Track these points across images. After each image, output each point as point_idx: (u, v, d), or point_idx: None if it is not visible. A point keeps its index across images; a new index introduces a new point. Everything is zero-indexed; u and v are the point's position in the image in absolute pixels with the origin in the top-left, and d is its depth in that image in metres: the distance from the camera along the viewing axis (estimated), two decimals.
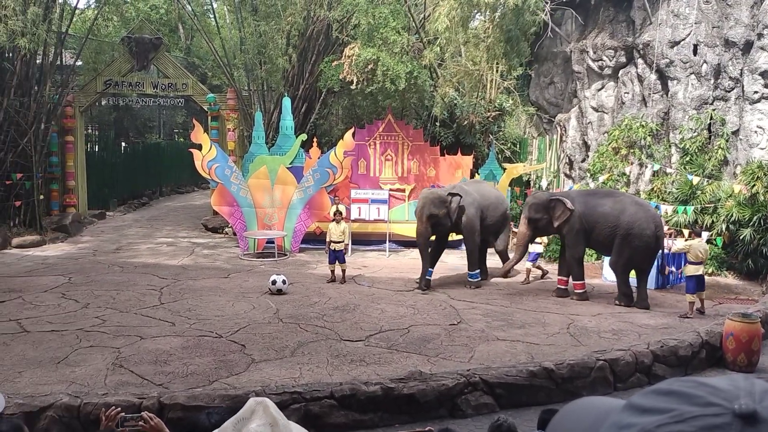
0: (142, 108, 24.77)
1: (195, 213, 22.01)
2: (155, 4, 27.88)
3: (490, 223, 12.57)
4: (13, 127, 16.43)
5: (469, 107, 17.45)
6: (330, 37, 18.22)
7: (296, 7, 17.07)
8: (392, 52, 15.22)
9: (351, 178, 16.36)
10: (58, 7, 17.26)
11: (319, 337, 8.74)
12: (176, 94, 20.09)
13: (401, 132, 16.77)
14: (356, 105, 19.38)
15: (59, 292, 11.15)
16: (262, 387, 6.55)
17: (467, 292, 11.59)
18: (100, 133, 27.04)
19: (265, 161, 15.51)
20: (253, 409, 1.76)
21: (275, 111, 18.36)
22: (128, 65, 19.48)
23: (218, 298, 10.86)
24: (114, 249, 15.85)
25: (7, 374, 7.18)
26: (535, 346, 8.44)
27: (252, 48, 18.38)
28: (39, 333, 8.73)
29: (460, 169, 16.74)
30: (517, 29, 14.60)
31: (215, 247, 16.38)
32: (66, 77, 18.60)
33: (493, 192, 13.22)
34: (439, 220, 11.85)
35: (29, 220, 16.96)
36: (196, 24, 21.09)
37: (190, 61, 27.94)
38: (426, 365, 7.57)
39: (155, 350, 8.02)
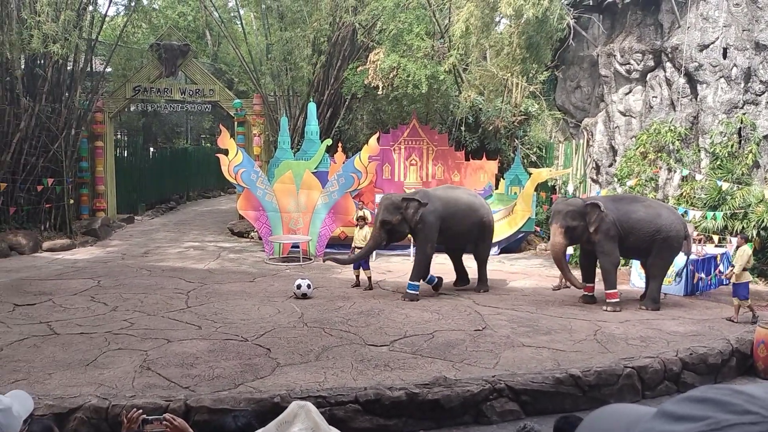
0: (170, 114, 25.12)
1: (221, 217, 22.22)
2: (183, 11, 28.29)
3: (458, 232, 11.79)
4: (45, 133, 16.76)
5: (494, 112, 17.39)
6: (355, 43, 18.30)
7: (322, 13, 17.18)
8: (415, 58, 15.24)
9: (376, 183, 16.38)
10: (88, 14, 17.58)
11: (344, 341, 8.76)
12: (203, 100, 20.33)
13: (426, 137, 16.77)
14: (381, 110, 19.42)
15: (88, 295, 11.32)
16: (287, 391, 6.58)
17: (492, 298, 11.52)
18: (128, 139, 27.46)
19: (291, 166, 15.61)
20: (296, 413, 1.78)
21: (301, 116, 18.49)
22: (157, 72, 19.76)
23: (244, 301, 10.95)
24: (142, 253, 16.06)
25: (38, 376, 7.30)
26: (561, 352, 8.36)
27: (278, 54, 18.54)
28: (68, 335, 8.87)
29: (485, 174, 16.68)
30: (539, 36, 14.51)
31: (241, 251, 16.50)
32: (96, 83, 18.92)
33: (465, 199, 12.07)
34: (394, 227, 11.36)
35: (60, 224, 17.28)
36: (223, 31, 21.34)
37: (217, 67, 28.26)
38: (451, 371, 7.54)
39: (182, 353, 8.11)
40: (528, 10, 13.61)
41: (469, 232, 11.88)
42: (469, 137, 17.78)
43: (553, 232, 11.03)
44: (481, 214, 12.00)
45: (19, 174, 16.26)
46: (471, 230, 11.88)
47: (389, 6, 15.37)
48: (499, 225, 16.32)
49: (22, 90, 16.28)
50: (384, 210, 11.40)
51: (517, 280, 13.33)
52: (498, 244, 16.31)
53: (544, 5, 13.58)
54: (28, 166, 16.44)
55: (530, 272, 14.20)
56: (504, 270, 14.42)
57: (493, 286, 12.49)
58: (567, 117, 19.02)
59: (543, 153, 18.74)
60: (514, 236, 16.36)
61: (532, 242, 17.11)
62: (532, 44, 14.59)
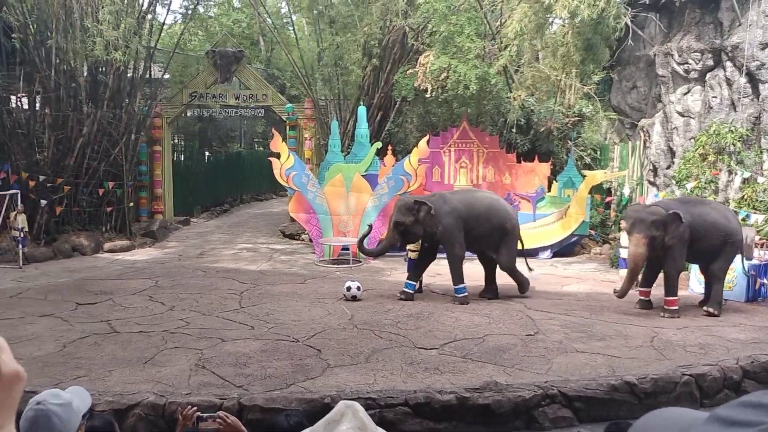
0: (225, 118, 25.63)
1: (273, 220, 22.56)
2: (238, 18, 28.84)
3: (479, 234, 11.43)
4: (106, 138, 17.35)
5: (547, 113, 17.15)
6: (405, 46, 18.34)
7: (372, 17, 17.28)
8: (465, 59, 15.17)
9: (425, 186, 16.36)
10: (147, 22, 18.15)
11: (393, 344, 8.78)
12: (257, 105, 20.70)
13: (476, 139, 16.66)
14: (431, 112, 19.40)
15: (147, 294, 11.66)
16: (337, 392, 6.64)
17: (544, 302, 11.35)
18: (185, 143, 28.16)
19: (341, 169, 15.74)
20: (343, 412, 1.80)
21: (351, 119, 18.63)
22: (212, 78, 20.22)
23: (295, 303, 11.09)
24: (198, 254, 16.45)
25: (99, 372, 7.56)
26: (616, 359, 8.18)
27: (329, 59, 18.74)
28: (128, 333, 9.16)
29: (537, 177, 16.47)
30: (596, 37, 14.24)
31: (292, 253, 16.72)
32: (154, 90, 19.49)
33: (486, 202, 11.64)
34: (407, 228, 11.19)
35: (120, 225, 17.86)
36: (276, 36, 21.67)
37: (270, 72, 28.71)
38: (502, 376, 7.47)
39: (235, 353, 8.27)
40: (583, 11, 13.37)
41: (490, 235, 11.48)
42: (521, 139, 17.58)
43: (636, 242, 10.31)
44: (502, 218, 11.50)
45: (82, 177, 16.87)
46: (492, 234, 11.47)
47: (440, 8, 15.35)
48: (551, 228, 16.12)
49: (85, 97, 16.90)
50: (397, 211, 11.34)
51: (570, 284, 13.11)
52: (551, 247, 16.10)
53: (600, 6, 13.33)
54: (90, 169, 17.05)
55: (584, 276, 13.94)
56: (557, 274, 14.20)
57: (544, 291, 12.31)
58: (623, 118, 18.60)
59: (597, 155, 18.37)
60: (567, 240, 16.11)
61: (586, 246, 16.80)
62: (590, 45, 14.33)
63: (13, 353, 4.03)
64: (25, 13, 16.06)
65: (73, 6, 16.12)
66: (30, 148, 16.52)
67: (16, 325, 9.56)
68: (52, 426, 2.21)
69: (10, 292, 11.90)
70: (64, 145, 16.73)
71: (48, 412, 2.22)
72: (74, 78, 16.81)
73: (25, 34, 16.11)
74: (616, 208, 17.40)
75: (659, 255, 10.51)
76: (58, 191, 16.30)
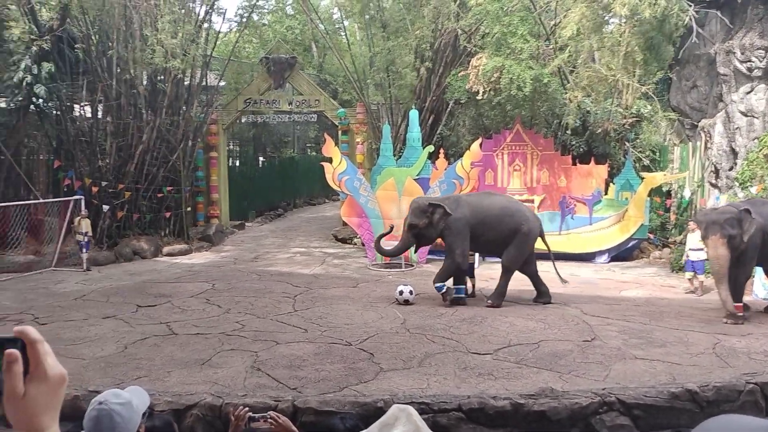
0: (278, 124, 26.01)
1: (326, 224, 22.75)
2: (291, 25, 29.28)
3: (491, 239, 11.30)
4: (164, 144, 17.84)
5: (604, 114, 16.77)
6: (457, 49, 18.25)
7: (424, 20, 17.26)
8: (519, 60, 14.98)
9: (478, 189, 16.22)
10: (203, 31, 18.60)
11: (446, 348, 8.72)
12: (309, 110, 20.94)
13: (530, 141, 16.43)
14: (483, 115, 19.24)
15: (204, 297, 11.91)
16: (390, 396, 6.63)
17: (602, 308, 11.09)
18: (240, 149, 28.71)
19: (393, 173, 15.76)
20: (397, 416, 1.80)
21: (402, 123, 18.64)
22: (266, 84, 20.56)
23: (348, 306, 11.15)
24: (252, 258, 16.72)
25: (158, 373, 7.75)
26: (676, 366, 7.93)
27: (381, 63, 18.81)
28: (186, 335, 9.37)
29: (593, 179, 16.13)
30: (660, 35, 13.86)
31: (345, 257, 16.82)
32: (211, 97, 19.94)
33: (499, 206, 11.43)
34: (421, 231, 11.30)
35: (178, 230, 18.33)
36: (328, 42, 21.89)
37: (322, 77, 29.02)
38: (557, 382, 7.33)
39: (289, 355, 8.36)
40: (644, 10, 13.03)
41: (504, 240, 11.27)
42: (576, 141, 17.23)
43: (713, 244, 9.92)
44: (517, 222, 11.21)
45: (142, 183, 17.38)
46: (503, 239, 11.25)
47: (493, 10, 15.21)
48: (608, 232, 15.76)
49: (145, 105, 17.42)
50: (411, 213, 11.40)
51: (628, 289, 12.78)
52: (608, 251, 15.75)
53: (661, 4, 12.97)
54: (149, 176, 17.55)
55: (643, 281, 13.57)
56: (614, 278, 13.87)
57: (602, 296, 12.04)
58: (682, 118, 18.04)
59: (656, 156, 17.85)
60: (625, 243, 15.72)
61: (646, 250, 16.34)
62: (653, 44, 13.97)
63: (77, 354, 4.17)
64: (87, 24, 16.67)
65: (133, 16, 16.65)
66: (93, 156, 17.12)
67: (80, 326, 9.89)
68: (114, 425, 2.28)
69: (75, 294, 12.35)
70: (125, 152, 17.28)
71: (110, 412, 2.28)
72: (134, 86, 17.35)
73: (88, 44, 16.71)
74: (676, 211, 16.89)
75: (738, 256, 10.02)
76: (119, 197, 16.84)
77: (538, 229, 11.53)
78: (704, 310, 10.87)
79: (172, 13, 16.49)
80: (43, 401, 1.05)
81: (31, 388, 1.04)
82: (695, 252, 12.05)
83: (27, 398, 1.03)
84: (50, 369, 1.06)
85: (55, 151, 17.89)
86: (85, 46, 16.61)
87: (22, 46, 15.79)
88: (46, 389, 1.05)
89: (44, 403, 1.06)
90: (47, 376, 1.06)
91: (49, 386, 1.06)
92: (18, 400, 1.03)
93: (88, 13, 16.62)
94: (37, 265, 14.85)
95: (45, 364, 1.06)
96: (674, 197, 17.00)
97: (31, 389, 1.04)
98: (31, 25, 15.78)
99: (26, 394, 1.03)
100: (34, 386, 1.04)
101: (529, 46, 15.07)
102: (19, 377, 1.02)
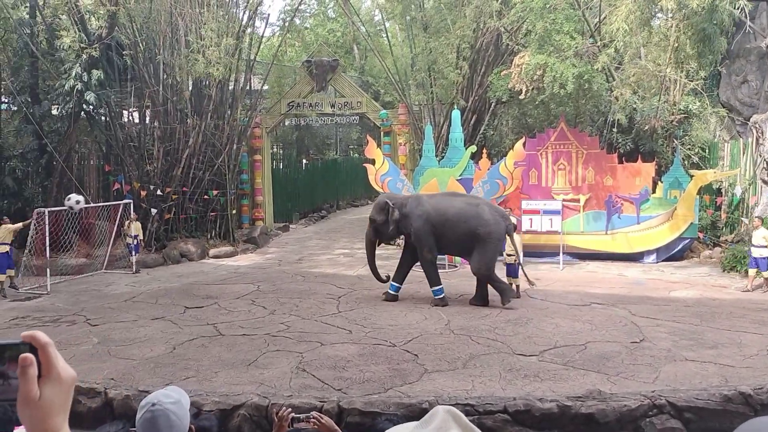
0: (321, 126, 26.24)
1: None
2: (333, 28, 29.48)
3: (450, 241, 11.23)
4: (210, 148, 18.17)
5: (651, 111, 16.40)
6: (499, 48, 18.10)
7: (466, 20, 17.15)
8: (563, 57, 14.77)
9: (522, 189, 16.05)
10: (247, 36, 18.87)
11: (491, 350, 8.64)
12: (351, 112, 21.04)
13: (575, 140, 16.16)
14: (527, 114, 19.04)
15: (249, 299, 12.08)
16: (435, 397, 6.60)
17: (651, 308, 10.84)
18: (283, 152, 29.04)
19: (435, 174, 15.69)
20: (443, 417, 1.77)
21: (445, 124, 18.56)
22: (308, 87, 20.74)
23: (391, 307, 11.15)
24: (296, 259, 16.88)
25: (206, 374, 7.88)
26: (729, 368, 7.70)
27: (422, 64, 18.78)
28: (232, 336, 9.51)
29: (641, 177, 15.77)
30: (713, 25, 13.48)
31: (388, 258, 16.76)
32: (254, 101, 20.22)
33: (458, 207, 11.19)
34: (378, 227, 11.50)
35: (224, 232, 18.63)
36: (370, 44, 21.95)
37: (364, 79, 29.13)
38: (605, 384, 7.19)
39: (334, 356, 8.40)
40: (692, 1, 12.70)
41: (461, 241, 11.15)
42: (623, 139, 16.88)
43: None
44: (473, 225, 10.97)
45: (189, 186, 17.72)
46: (463, 240, 11.10)
47: (536, 6, 15.02)
48: (657, 231, 15.39)
49: (190, 110, 17.77)
50: (372, 209, 11.73)
51: (678, 289, 12.46)
52: (657, 251, 15.38)
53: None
54: (195, 179, 17.89)
55: (693, 281, 13.22)
56: (663, 279, 13.54)
57: (650, 296, 11.77)
58: (733, 114, 17.52)
59: (706, 153, 17.36)
60: (674, 243, 15.31)
61: (696, 249, 15.90)
62: (706, 36, 13.60)
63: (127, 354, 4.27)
64: (135, 32, 17.09)
65: (179, 23, 17.01)
66: (141, 160, 17.55)
67: (130, 327, 10.13)
68: (171, 424, 2.32)
69: (125, 296, 12.66)
70: (172, 156, 17.65)
71: (166, 411, 2.33)
72: (180, 92, 17.71)
73: (135, 51, 17.14)
74: (727, 210, 16.40)
75: None
76: (166, 200, 17.21)
77: (503, 230, 11.11)
78: (757, 311, 10.53)
79: (216, 20, 16.78)
80: (57, 402, 1.08)
81: (45, 391, 1.06)
82: (758, 249, 11.79)
83: (42, 400, 1.06)
84: (63, 371, 1.08)
85: (105, 156, 18.40)
86: (133, 53, 17.03)
87: (72, 55, 16.28)
88: (59, 391, 1.08)
89: (58, 404, 1.08)
90: (61, 378, 1.08)
91: (63, 388, 1.09)
92: (33, 402, 1.05)
93: (135, 21, 17.05)
94: (89, 268, 15.27)
95: (58, 367, 1.08)
96: (725, 195, 16.52)
97: (46, 391, 1.06)
98: (81, 33, 16.27)
99: (41, 397, 1.06)
100: (49, 388, 1.07)
101: (575, 43, 14.83)
102: (34, 380, 1.05)
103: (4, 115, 18.30)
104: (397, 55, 21.44)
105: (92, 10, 17.42)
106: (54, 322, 10.56)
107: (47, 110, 17.38)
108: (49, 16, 17.41)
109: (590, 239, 15.64)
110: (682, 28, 13.76)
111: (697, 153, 17.16)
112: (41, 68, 17.51)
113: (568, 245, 15.26)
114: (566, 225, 15.37)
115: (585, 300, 11.47)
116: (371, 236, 11.90)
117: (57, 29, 16.77)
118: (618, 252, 15.35)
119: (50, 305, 11.91)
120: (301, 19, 25.15)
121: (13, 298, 12.63)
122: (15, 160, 17.75)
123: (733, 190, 16.05)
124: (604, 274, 14.16)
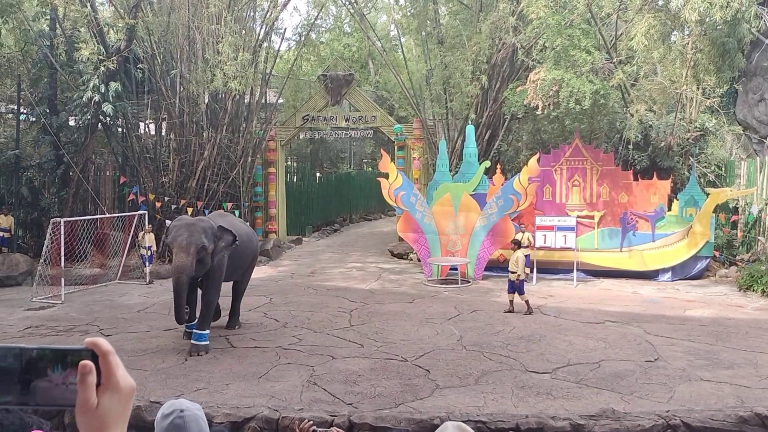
0: (335, 140, 26.32)
1: (382, 239, 22.78)
2: (348, 42, 29.65)
3: (243, 267, 10.74)
4: (224, 161, 18.27)
5: (666, 128, 16.31)
6: (514, 63, 18.12)
7: (481, 35, 17.19)
8: (579, 73, 14.74)
9: (536, 205, 15.98)
10: (263, 50, 19.02)
11: (504, 366, 8.58)
12: (366, 126, 21.10)
13: (590, 156, 16.10)
14: (541, 130, 18.99)
15: (261, 311, 12.07)
16: (446, 413, 6.55)
17: (666, 327, 10.71)
18: (297, 165, 29.14)
19: (449, 188, 15.70)
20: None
21: (459, 139, 18.57)
22: (323, 101, 20.85)
23: (403, 322, 11.10)
24: (309, 272, 16.88)
25: (217, 385, 7.88)
26: (745, 389, 7.58)
27: (438, 79, 18.83)
28: (244, 349, 9.50)
29: (656, 195, 15.66)
30: (733, 39, 13.40)
31: (401, 272, 16.79)
32: (269, 114, 20.34)
33: (244, 229, 10.75)
34: (204, 258, 9.29)
35: None
36: (385, 59, 22.04)
37: (379, 94, 29.22)
38: (619, 403, 7.10)
39: (345, 370, 8.37)
40: (715, 13, 12.61)
41: (248, 266, 11.00)
42: (638, 155, 16.79)
43: None
44: (256, 245, 11.29)
45: (203, 198, 17.82)
46: (248, 264, 10.93)
47: (554, 23, 15.03)
48: (672, 249, 15.24)
49: (206, 122, 17.91)
50: (202, 233, 9.37)
51: (693, 308, 12.32)
52: (672, 269, 15.21)
53: (734, 6, 12.53)
54: (210, 191, 17.99)
55: (709, 300, 13.06)
56: (679, 297, 13.39)
57: (665, 315, 11.64)
58: (749, 132, 17.39)
59: (722, 171, 17.22)
60: (691, 261, 15.13)
61: (712, 268, 15.72)
62: (725, 50, 13.51)
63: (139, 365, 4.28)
64: (152, 45, 17.30)
65: (196, 37, 17.19)
66: (156, 171, 17.68)
67: (143, 338, 10.16)
68: (201, 427, 2.36)
69: (138, 307, 12.70)
70: (187, 168, 17.77)
71: (195, 416, 2.37)
72: (196, 105, 17.87)
73: (152, 64, 17.33)
74: (744, 228, 16.23)
75: None
76: (181, 212, 17.28)
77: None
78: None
79: (232, 34, 16.94)
80: (115, 412, 1.07)
81: (104, 400, 1.05)
82: None
83: (100, 409, 1.05)
84: (122, 380, 1.08)
85: (121, 167, 18.56)
86: (150, 66, 17.22)
87: (90, 67, 16.50)
88: (118, 400, 1.07)
89: (116, 414, 1.07)
90: (119, 388, 1.07)
91: (121, 398, 1.07)
92: (91, 411, 1.04)
93: (153, 34, 17.25)
94: (103, 278, 15.36)
95: (117, 376, 1.07)
96: (741, 214, 16.36)
97: (104, 400, 1.05)
98: (100, 46, 16.49)
99: (99, 406, 1.05)
100: (107, 397, 1.06)
101: (593, 58, 14.80)
102: (93, 388, 1.04)
103: (23, 126, 18.53)
104: (412, 70, 21.51)
105: (111, 23, 17.67)
106: (67, 332, 10.61)
107: (65, 121, 17.59)
108: (68, 29, 17.68)
109: (605, 256, 15.51)
110: (700, 44, 13.69)
111: (713, 171, 17.03)
112: (60, 80, 17.75)
113: (582, 262, 15.14)
114: (581, 242, 15.27)
115: (599, 318, 11.37)
116: (192, 268, 9.21)
117: (76, 41, 17.00)
118: (633, 270, 15.20)
119: (64, 315, 11.98)
120: (316, 34, 25.31)
121: (27, 307, 12.72)
122: (32, 170, 17.97)
123: (749, 209, 15.89)
124: (618, 291, 14.03)
